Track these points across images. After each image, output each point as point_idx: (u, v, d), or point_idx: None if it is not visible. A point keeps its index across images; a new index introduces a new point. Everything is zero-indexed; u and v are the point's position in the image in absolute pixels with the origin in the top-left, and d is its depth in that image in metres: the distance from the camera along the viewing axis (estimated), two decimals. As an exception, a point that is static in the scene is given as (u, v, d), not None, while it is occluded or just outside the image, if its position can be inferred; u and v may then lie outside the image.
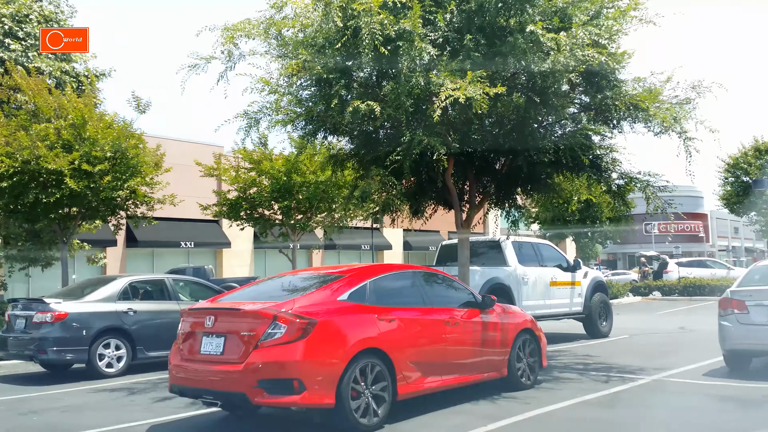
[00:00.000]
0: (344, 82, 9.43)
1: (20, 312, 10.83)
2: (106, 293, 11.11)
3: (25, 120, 13.17)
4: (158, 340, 11.34)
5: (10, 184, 12.48)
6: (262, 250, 36.23)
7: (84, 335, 10.51)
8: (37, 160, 12.38)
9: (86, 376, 10.69)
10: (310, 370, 6.26)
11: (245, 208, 17.81)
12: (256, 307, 6.54)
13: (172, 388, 7.01)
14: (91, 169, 12.74)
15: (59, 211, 13.38)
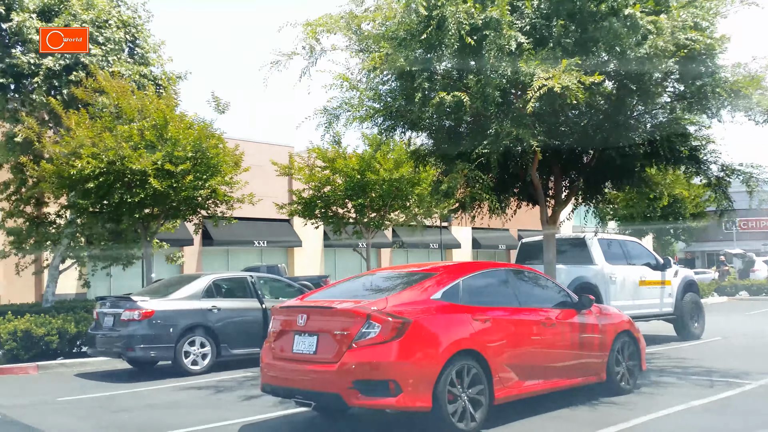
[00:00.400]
0: (427, 75, 9.15)
1: (108, 310, 11.02)
2: (191, 291, 11.19)
3: (109, 122, 13.45)
4: (241, 337, 11.38)
5: (96, 185, 12.75)
6: (332, 249, 36.40)
7: (170, 333, 10.61)
8: (122, 160, 12.61)
9: (172, 373, 10.79)
10: (405, 372, 6.02)
11: (319, 207, 17.77)
12: (349, 305, 6.34)
13: (264, 388, 6.90)
14: (173, 169, 12.90)
15: (143, 210, 13.60)
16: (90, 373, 11.39)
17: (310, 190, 18.00)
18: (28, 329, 11.80)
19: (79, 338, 12.40)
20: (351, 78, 10.62)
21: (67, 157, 12.93)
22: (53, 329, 12.02)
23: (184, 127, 13.51)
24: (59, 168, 13.16)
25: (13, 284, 26.56)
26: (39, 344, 11.88)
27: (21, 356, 11.76)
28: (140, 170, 12.71)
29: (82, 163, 12.57)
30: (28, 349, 11.81)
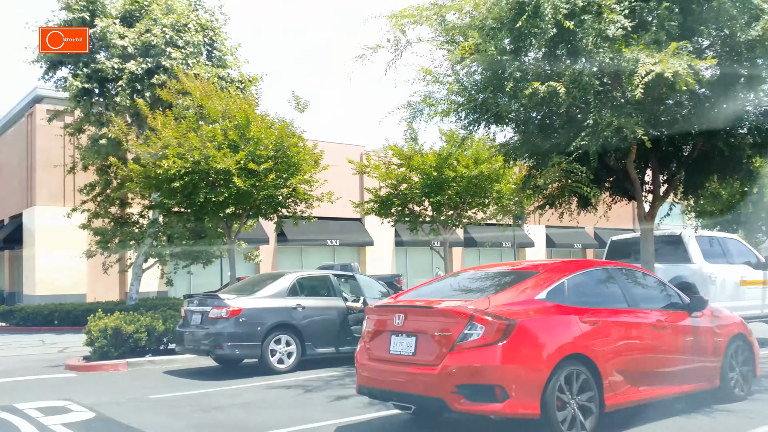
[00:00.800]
0: (518, 64, 8.74)
1: (196, 307, 11.06)
2: (276, 289, 11.12)
3: (192, 122, 13.59)
4: (326, 336, 11.23)
5: (181, 184, 12.89)
6: (403, 248, 36.19)
7: (257, 331, 10.55)
8: (207, 160, 12.69)
9: (257, 371, 10.73)
10: (512, 377, 5.66)
11: (396, 205, 17.52)
12: (450, 305, 6.02)
13: (360, 389, 6.66)
14: (256, 168, 12.91)
15: (226, 209, 13.67)
16: (178, 370, 11.47)
17: (386, 188, 17.78)
18: (118, 327, 11.99)
19: (167, 335, 12.54)
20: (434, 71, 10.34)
21: (154, 157, 13.10)
22: (142, 327, 12.19)
23: (265, 126, 13.50)
24: (146, 168, 13.37)
25: (98, 283, 27.48)
26: (128, 341, 12.05)
27: (111, 353, 11.96)
28: (224, 169, 12.76)
29: (168, 163, 12.71)
30: (117, 347, 12.00)
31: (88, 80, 20.94)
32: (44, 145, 26.66)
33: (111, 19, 20.98)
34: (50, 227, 26.28)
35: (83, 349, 15.01)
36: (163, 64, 20.98)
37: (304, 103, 13.97)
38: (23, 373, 11.62)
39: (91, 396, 8.98)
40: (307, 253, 33.73)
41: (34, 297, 25.98)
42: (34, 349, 15.99)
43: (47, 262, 26.27)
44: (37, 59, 21.72)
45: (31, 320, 22.23)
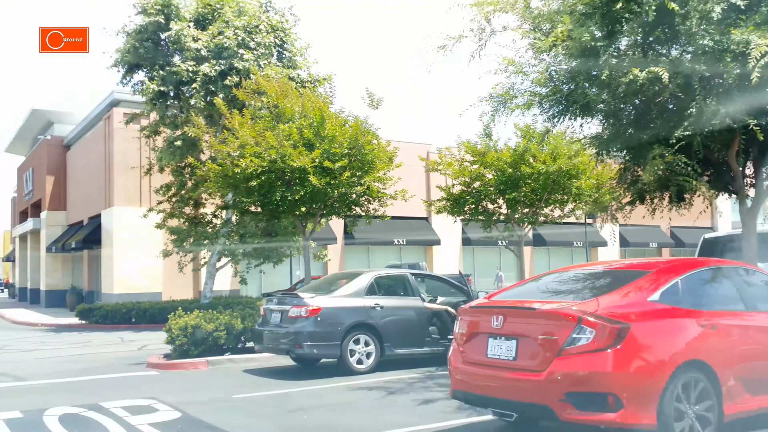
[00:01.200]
0: (613, 50, 8.20)
1: (275, 306, 10.92)
2: (354, 288, 10.87)
3: (268, 122, 13.50)
4: (404, 336, 10.92)
5: (258, 183, 12.82)
6: (470, 248, 35.59)
7: (336, 330, 10.32)
8: (283, 159, 12.56)
9: (336, 371, 10.51)
10: (626, 384, 5.19)
11: (470, 202, 17.03)
12: (555, 306, 5.59)
13: (455, 394, 6.30)
14: (331, 166, 12.72)
15: (302, 207, 13.53)
16: (257, 369, 11.36)
17: (459, 185, 17.33)
18: (198, 325, 11.99)
19: (245, 334, 12.48)
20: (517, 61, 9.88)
21: (232, 156, 13.08)
22: (221, 325, 12.16)
23: (339, 124, 13.30)
24: (223, 168, 13.36)
25: (173, 281, 28.02)
26: (207, 340, 12.04)
27: (191, 352, 11.97)
28: (300, 168, 12.61)
29: (246, 162, 12.65)
30: (197, 345, 12.00)
31: (163, 83, 21.30)
32: (121, 147, 27.36)
33: (185, 23, 21.28)
34: (127, 227, 26.94)
35: (162, 347, 15.18)
36: (236, 65, 21.13)
37: (378, 100, 13.69)
38: (106, 370, 11.75)
39: (175, 395, 8.93)
40: (373, 253, 33.55)
41: (112, 296, 26.68)
42: (114, 347, 16.29)
43: (125, 261, 26.94)
44: (114, 64, 22.23)
45: (109, 318, 22.77)
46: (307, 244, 14.47)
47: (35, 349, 16.10)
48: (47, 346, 16.84)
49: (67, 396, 9.05)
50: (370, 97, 13.68)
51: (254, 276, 27.71)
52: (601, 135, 9.82)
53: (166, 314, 22.65)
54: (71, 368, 12.13)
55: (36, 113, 36.70)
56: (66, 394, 9.28)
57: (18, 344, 17.54)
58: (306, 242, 14.45)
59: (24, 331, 22.34)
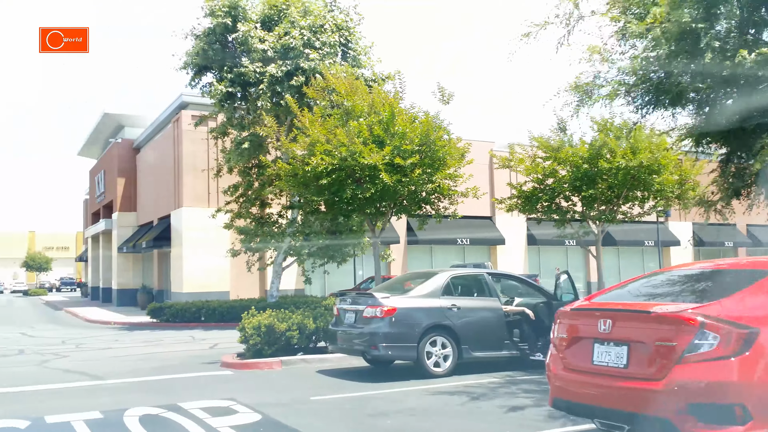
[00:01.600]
0: (715, 32, 7.55)
1: (349, 306, 10.62)
2: (430, 288, 10.46)
3: (338, 119, 13.25)
4: (482, 339, 10.45)
5: (329, 181, 12.58)
6: (536, 247, 34.70)
7: (412, 332, 9.94)
8: (353, 156, 12.28)
9: (411, 374, 10.13)
10: (755, 394, 4.62)
11: (543, 200, 16.38)
12: (673, 309, 5.03)
13: (555, 403, 5.81)
14: (402, 163, 12.35)
15: (372, 206, 13.22)
16: (331, 370, 11.09)
17: (531, 182, 16.70)
18: (271, 324, 11.82)
19: (317, 334, 12.25)
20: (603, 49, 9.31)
21: (302, 155, 12.88)
22: (293, 325, 11.95)
23: (409, 120, 12.92)
24: (293, 166, 13.18)
25: (239, 280, 28.24)
26: (280, 339, 11.85)
27: (264, 351, 11.80)
28: (371, 165, 12.30)
29: (316, 160, 12.41)
30: (270, 344, 11.83)
31: (231, 84, 21.41)
32: (190, 149, 27.74)
33: (252, 24, 21.34)
34: (196, 227, 27.30)
35: (233, 346, 15.14)
36: (302, 65, 21.05)
37: (449, 95, 13.24)
38: (181, 369, 11.70)
39: (253, 396, 8.71)
40: (436, 253, 33.08)
41: (181, 294, 27.06)
42: (186, 345, 16.36)
43: (193, 260, 27.30)
44: (183, 66, 22.47)
45: (179, 317, 23.05)
46: (377, 242, 14.15)
47: (109, 347, 16.32)
48: (121, 344, 17.06)
49: (145, 396, 8.96)
50: (441, 92, 13.24)
51: (318, 276, 27.66)
52: (698, 126, 9.13)
53: (235, 313, 22.87)
54: (146, 367, 12.15)
55: (107, 117, 37.74)
56: (143, 393, 9.20)
57: (93, 342, 17.85)
58: (375, 241, 14.12)
59: (98, 329, 22.83)
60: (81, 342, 17.96)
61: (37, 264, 72.33)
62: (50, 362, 13.24)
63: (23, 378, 11.06)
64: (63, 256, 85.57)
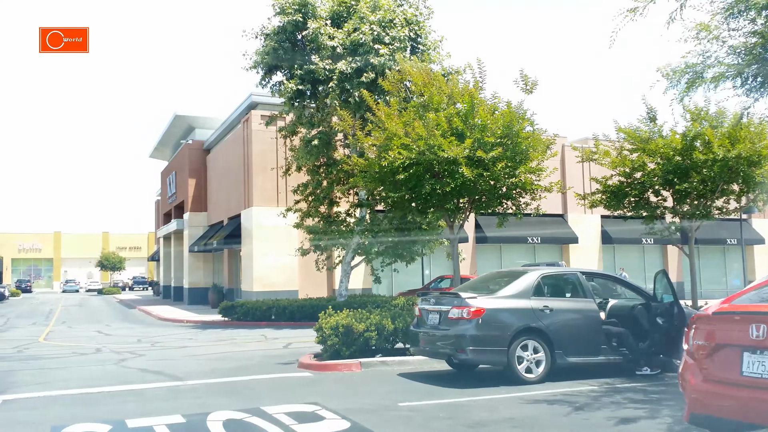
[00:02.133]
0: None
1: (433, 306, 10.01)
2: (519, 288, 9.74)
3: (414, 112, 12.65)
4: (577, 343, 9.67)
5: (406, 176, 12.00)
6: (611, 246, 33.27)
7: (503, 335, 9.26)
8: (432, 149, 11.66)
9: (500, 380, 9.45)
10: None
11: (632, 195, 15.32)
12: None
13: (693, 419, 5.06)
14: (484, 156, 11.66)
15: (451, 201, 12.59)
16: (412, 373, 10.51)
17: (618, 176, 15.68)
18: (349, 325, 11.34)
19: (395, 335, 11.71)
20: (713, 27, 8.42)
21: (378, 149, 12.35)
22: (371, 325, 11.44)
23: (490, 110, 12.21)
24: (369, 161, 12.66)
25: (307, 280, 28.05)
26: (358, 340, 11.36)
27: (343, 352, 11.33)
28: (450, 159, 11.65)
29: (394, 154, 11.85)
30: (348, 345, 11.35)
31: (301, 82, 21.16)
32: (259, 149, 27.74)
33: (322, 21, 21.03)
34: (265, 226, 27.26)
35: (307, 345, 14.80)
36: (372, 61, 20.60)
37: (532, 83, 12.45)
38: (259, 370, 11.36)
39: (337, 400, 8.22)
40: (505, 252, 32.14)
41: (251, 293, 27.06)
42: (259, 345, 16.10)
43: (263, 259, 27.26)
44: (253, 65, 22.36)
45: (250, 315, 22.95)
46: (455, 240, 13.50)
47: (184, 346, 16.22)
48: (195, 343, 16.96)
49: (227, 398, 8.60)
50: (524, 80, 12.45)
51: (385, 275, 27.17)
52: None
53: (305, 312, 22.63)
54: (224, 367, 11.86)
55: (178, 119, 38.35)
56: (225, 396, 8.84)
57: (167, 341, 17.84)
58: (454, 239, 13.47)
59: (171, 327, 22.97)
60: (156, 340, 17.99)
61: (110, 263, 74.64)
62: (127, 361, 13.15)
63: (102, 378, 10.92)
64: (135, 255, 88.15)
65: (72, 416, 7.62)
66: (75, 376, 11.21)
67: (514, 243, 31.06)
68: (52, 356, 14.55)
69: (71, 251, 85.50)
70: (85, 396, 9.01)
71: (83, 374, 11.42)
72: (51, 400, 8.73)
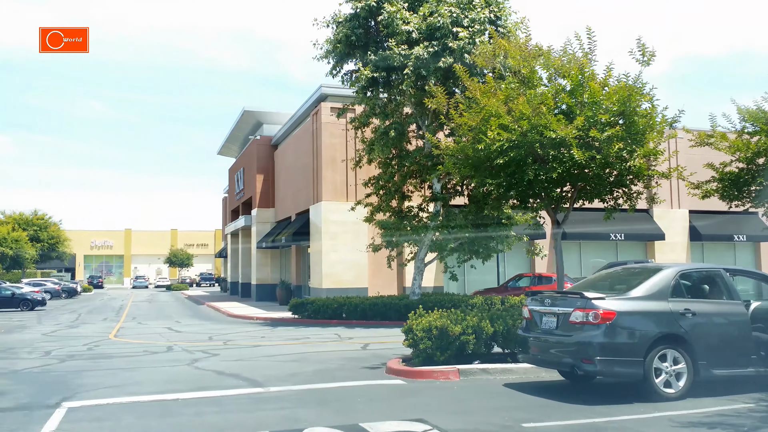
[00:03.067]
0: None
1: (547, 308, 8.56)
2: (655, 287, 8.17)
3: (513, 89, 11.17)
4: (724, 352, 8.07)
5: (506, 161, 10.56)
6: (699, 243, 30.85)
7: (638, 342, 7.74)
8: (537, 129, 10.18)
9: (631, 394, 7.96)
10: None
11: (758, 183, 13.42)
12: None
13: None
14: (598, 136, 10.10)
15: (558, 188, 11.10)
16: (519, 383, 9.10)
17: (738, 162, 13.81)
18: (444, 326, 10.00)
19: (494, 339, 10.32)
20: None
21: (474, 131, 10.94)
22: (468, 327, 10.08)
23: (600, 85, 10.65)
24: (462, 145, 11.27)
25: (377, 277, 26.87)
26: (454, 344, 10.02)
27: (436, 357, 10.01)
28: (558, 140, 10.16)
29: (493, 135, 10.42)
30: (443, 350, 10.01)
31: (375, 69, 19.95)
32: (329, 142, 26.73)
33: (399, 4, 19.78)
34: (335, 221, 26.25)
35: (386, 347, 13.65)
36: (449, 45, 19.23)
37: (650, 54, 10.80)
38: (342, 375, 10.16)
39: (446, 417, 6.91)
40: (585, 249, 30.20)
41: (320, 290, 26.09)
42: (335, 345, 14.96)
43: (332, 256, 26.24)
44: (324, 55, 21.28)
45: (321, 313, 21.97)
46: (558, 235, 11.97)
47: (258, 345, 15.25)
48: (268, 341, 15.99)
49: (317, 411, 7.41)
50: (641, 50, 10.82)
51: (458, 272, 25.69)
52: None
53: (377, 310, 21.41)
54: (304, 370, 10.73)
55: (247, 114, 37.83)
56: (314, 407, 7.65)
57: (239, 338, 16.94)
58: (557, 233, 11.95)
59: (241, 324, 22.18)
60: (228, 338, 17.12)
61: (179, 260, 75.64)
62: (200, 361, 12.21)
63: (176, 380, 9.95)
64: (202, 252, 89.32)
65: (145, 430, 6.58)
66: (147, 378, 10.28)
67: (595, 240, 29.10)
68: (122, 354, 13.79)
69: (141, 248, 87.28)
70: (158, 404, 7.98)
71: (155, 376, 10.49)
72: (121, 409, 7.73)
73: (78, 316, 27.79)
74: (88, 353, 14.07)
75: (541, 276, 24.20)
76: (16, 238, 50.83)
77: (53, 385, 9.81)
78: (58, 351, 14.57)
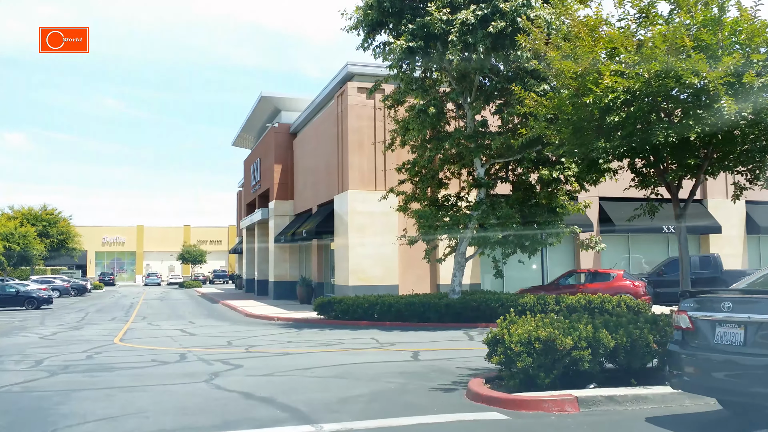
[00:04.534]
0: None
1: (726, 315, 5.85)
2: None
3: (625, 31, 8.47)
4: None
5: (622, 118, 7.89)
6: (755, 236, 28.01)
7: None
8: (670, 74, 7.51)
9: None
10: None
11: None
12: None
13: None
14: (752, 82, 7.42)
15: (696, 153, 8.43)
16: (666, 418, 6.41)
17: None
18: (550, 338, 7.33)
19: (616, 355, 7.65)
20: None
21: (579, 80, 8.23)
22: (581, 339, 7.41)
23: (745, 20, 7.95)
24: (559, 100, 8.57)
25: (408, 273, 24.17)
26: (562, 361, 7.37)
27: (539, 379, 7.34)
28: (700, 87, 7.46)
29: (609, 81, 7.71)
30: (548, 369, 7.36)
31: (412, 38, 17.29)
32: (356, 125, 24.05)
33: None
34: (362, 212, 23.59)
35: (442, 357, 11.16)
36: (500, 7, 16.57)
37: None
38: (411, 402, 7.52)
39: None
40: (634, 242, 27.42)
41: (346, 288, 23.47)
42: (377, 355, 12.30)
43: (360, 250, 23.57)
44: (354, 25, 18.61)
45: (349, 314, 19.38)
46: (682, 218, 9.29)
47: (286, 352, 12.65)
48: (297, 347, 13.40)
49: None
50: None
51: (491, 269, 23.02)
52: None
53: (414, 310, 18.66)
54: (356, 392, 8.08)
55: (264, 101, 35.19)
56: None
57: (263, 344, 14.35)
58: (682, 215, 9.26)
59: (261, 325, 19.60)
60: (249, 343, 14.54)
61: (192, 257, 73.29)
62: (221, 376, 9.62)
63: (191, 408, 7.35)
64: (216, 249, 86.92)
65: None
66: (153, 403, 7.69)
67: (645, 233, 26.32)
68: (126, 365, 11.24)
69: (153, 244, 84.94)
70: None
71: (164, 399, 7.90)
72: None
73: (84, 316, 25.34)
74: (85, 363, 11.55)
75: (597, 272, 21.45)
76: (23, 234, 48.47)
77: (27, 414, 7.25)
78: (51, 360, 12.07)
